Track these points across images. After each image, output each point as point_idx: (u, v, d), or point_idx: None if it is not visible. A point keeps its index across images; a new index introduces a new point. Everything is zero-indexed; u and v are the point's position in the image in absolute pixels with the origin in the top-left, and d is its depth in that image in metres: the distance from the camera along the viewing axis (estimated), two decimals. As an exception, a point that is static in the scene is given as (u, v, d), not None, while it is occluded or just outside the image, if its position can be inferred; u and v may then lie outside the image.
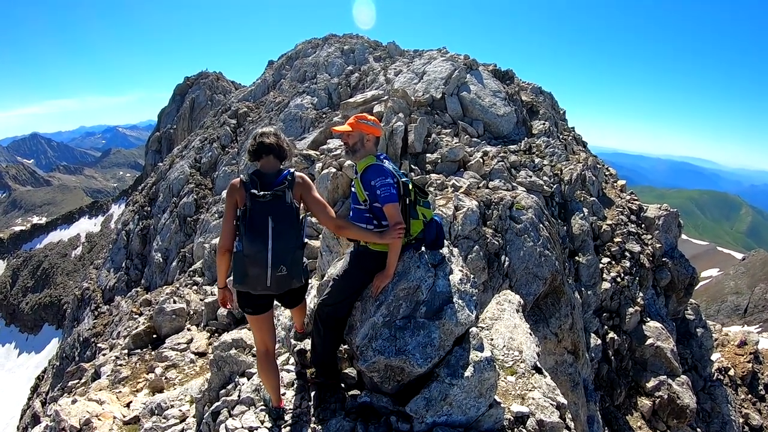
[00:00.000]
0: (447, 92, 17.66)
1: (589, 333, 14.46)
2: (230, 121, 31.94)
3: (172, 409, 7.18)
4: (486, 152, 14.70)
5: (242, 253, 4.18)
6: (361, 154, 4.83)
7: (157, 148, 62.38)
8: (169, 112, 65.65)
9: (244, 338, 6.86)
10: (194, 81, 64.24)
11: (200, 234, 22.84)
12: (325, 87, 26.22)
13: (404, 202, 4.65)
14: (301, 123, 23.91)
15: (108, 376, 11.21)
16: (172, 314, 12.51)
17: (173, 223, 27.77)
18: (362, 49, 30.47)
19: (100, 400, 8.73)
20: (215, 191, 26.62)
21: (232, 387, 5.99)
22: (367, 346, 4.53)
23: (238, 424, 5.17)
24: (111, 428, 7.63)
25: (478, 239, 10.32)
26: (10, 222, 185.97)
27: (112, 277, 34.27)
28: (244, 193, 4.29)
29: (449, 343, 4.52)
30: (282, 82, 33.02)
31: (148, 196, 35.17)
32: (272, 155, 4.58)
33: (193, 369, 9.67)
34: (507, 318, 5.66)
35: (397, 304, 4.59)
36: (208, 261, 15.01)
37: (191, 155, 31.86)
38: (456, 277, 4.83)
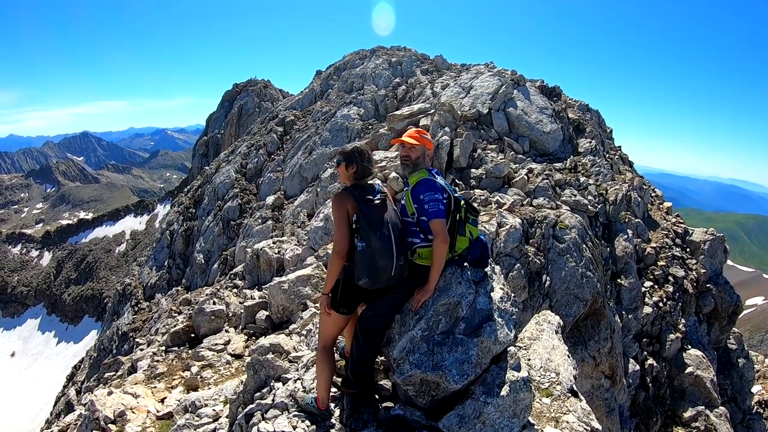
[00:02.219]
0: (493, 107, 17.55)
1: (627, 358, 14.19)
2: (277, 128, 32.20)
3: (206, 408, 7.24)
4: (531, 169, 14.57)
5: (370, 248, 4.46)
6: (408, 168, 4.99)
7: (204, 152, 63.18)
8: (217, 118, 66.48)
9: (281, 343, 6.90)
10: (243, 88, 64.98)
11: (243, 238, 23.06)
12: (372, 98, 26.31)
13: (453, 218, 4.72)
14: (347, 133, 24.02)
15: (144, 371, 11.34)
16: (211, 315, 12.60)
17: (217, 226, 28.10)
18: (410, 61, 30.48)
19: (136, 394, 8.85)
20: (259, 197, 26.86)
21: (267, 391, 6.03)
22: (404, 359, 4.55)
23: (270, 428, 5.20)
24: (144, 422, 7.74)
25: (519, 257, 10.25)
26: (57, 216, 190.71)
27: (154, 274, 34.79)
28: (354, 201, 4.64)
29: (486, 361, 4.52)
30: (329, 92, 33.23)
31: (193, 198, 35.67)
32: (364, 164, 4.88)
33: (228, 370, 9.70)
34: (546, 339, 5.61)
35: (436, 319, 4.60)
36: (249, 265, 15.16)
37: (237, 160, 32.24)
38: (497, 295, 4.83)
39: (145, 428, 7.52)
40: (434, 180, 4.75)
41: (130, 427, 7.51)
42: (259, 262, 14.80)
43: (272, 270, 14.41)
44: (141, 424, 7.62)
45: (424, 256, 4.70)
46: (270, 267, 14.51)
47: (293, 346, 7.10)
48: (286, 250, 14.30)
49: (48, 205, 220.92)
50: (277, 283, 11.01)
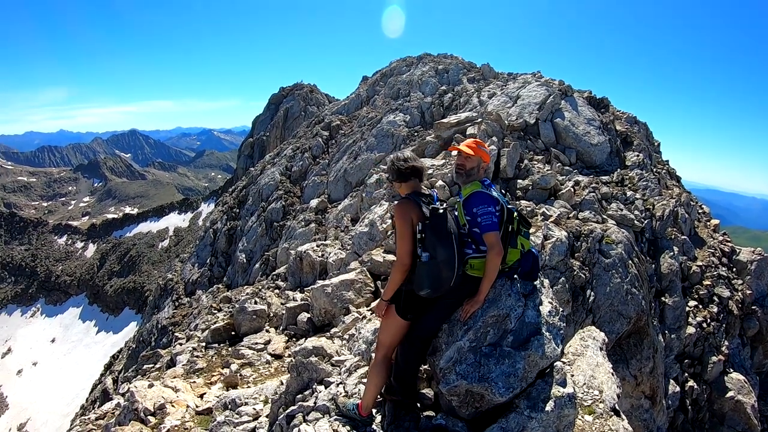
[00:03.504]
0: (541, 118, 17.38)
1: (668, 379, 13.91)
2: (323, 132, 32.35)
3: (246, 406, 7.29)
4: (578, 182, 14.42)
5: (435, 260, 4.46)
6: (463, 179, 4.97)
7: (249, 153, 63.75)
8: (263, 120, 67.06)
9: (324, 347, 6.93)
10: (289, 91, 65.47)
11: (285, 240, 23.18)
12: (418, 105, 26.24)
13: (506, 230, 4.73)
14: (392, 140, 24.01)
15: (183, 365, 11.49)
16: (252, 314, 12.71)
17: (260, 226, 28.30)
18: (456, 69, 30.31)
19: (176, 388, 9.00)
20: (303, 199, 26.97)
21: (309, 393, 6.05)
22: (450, 369, 4.54)
23: (311, 430, 5.23)
24: (183, 416, 7.84)
25: (564, 271, 10.15)
26: (103, 209, 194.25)
27: (196, 271, 35.18)
28: (419, 210, 4.66)
29: (533, 375, 4.50)
30: (376, 98, 33.25)
31: (237, 198, 35.98)
32: (419, 178, 4.95)
33: (268, 370, 9.77)
34: (590, 355, 5.55)
35: (484, 331, 4.60)
36: (292, 267, 15.22)
37: (283, 163, 32.43)
38: (545, 309, 4.82)
39: (184, 422, 7.61)
40: (487, 192, 4.75)
41: (169, 420, 7.61)
42: (302, 265, 14.84)
43: (315, 273, 14.45)
44: (180, 418, 7.73)
45: (476, 267, 4.69)
46: (313, 270, 14.55)
47: (336, 350, 7.11)
48: (329, 254, 14.32)
49: (95, 199, 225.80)
50: (321, 286, 11.07)
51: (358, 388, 5.67)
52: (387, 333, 4.98)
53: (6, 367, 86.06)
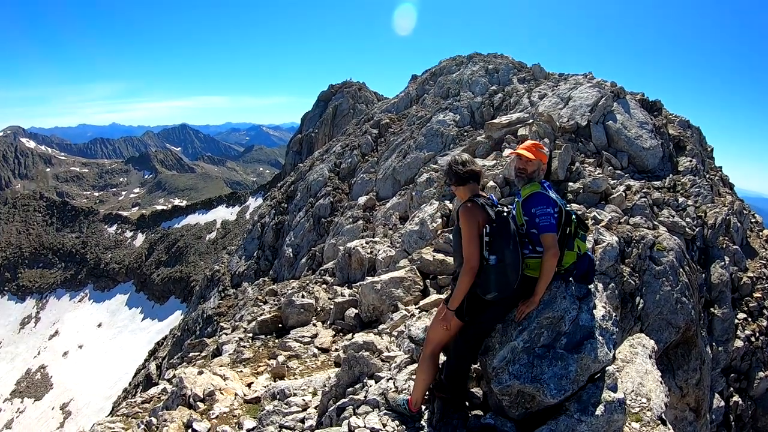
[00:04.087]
0: (592, 120, 17.11)
1: (713, 392, 13.65)
2: (372, 130, 32.45)
3: (295, 397, 7.38)
4: (629, 186, 14.21)
5: (503, 262, 4.48)
6: (521, 180, 5.02)
7: (297, 149, 64.22)
8: (312, 117, 67.49)
9: (375, 342, 6.96)
10: (338, 89, 65.81)
11: (333, 236, 23.35)
12: (468, 105, 26.11)
13: (563, 232, 4.74)
14: (442, 139, 23.95)
15: (230, 354, 11.65)
16: (300, 308, 12.81)
17: (307, 221, 28.54)
18: (506, 69, 29.95)
19: (224, 376, 9.12)
20: (351, 196, 27.12)
21: (359, 387, 6.14)
22: (503, 369, 4.57)
23: (361, 423, 5.29)
24: (232, 404, 7.97)
25: (614, 276, 10.05)
26: (153, 201, 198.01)
27: (243, 264, 35.58)
28: (485, 213, 4.65)
29: (584, 378, 4.49)
30: (425, 97, 33.07)
31: (286, 193, 36.28)
32: (477, 181, 4.95)
33: (314, 363, 9.85)
34: (639, 362, 5.52)
35: (539, 332, 4.61)
36: (340, 263, 15.32)
37: (332, 159, 32.62)
38: (599, 313, 4.81)
39: (232, 410, 7.75)
40: (546, 194, 4.77)
41: (218, 407, 7.76)
42: (351, 261, 14.91)
43: (363, 269, 14.50)
44: (229, 406, 7.86)
45: (532, 267, 4.71)
46: (361, 266, 14.61)
47: (385, 346, 7.14)
48: (378, 251, 14.34)
49: (145, 190, 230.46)
50: (370, 282, 11.12)
51: (407, 384, 5.70)
52: (438, 331, 4.99)
53: (53, 348, 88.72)
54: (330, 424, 5.83)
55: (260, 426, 6.82)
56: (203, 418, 7.41)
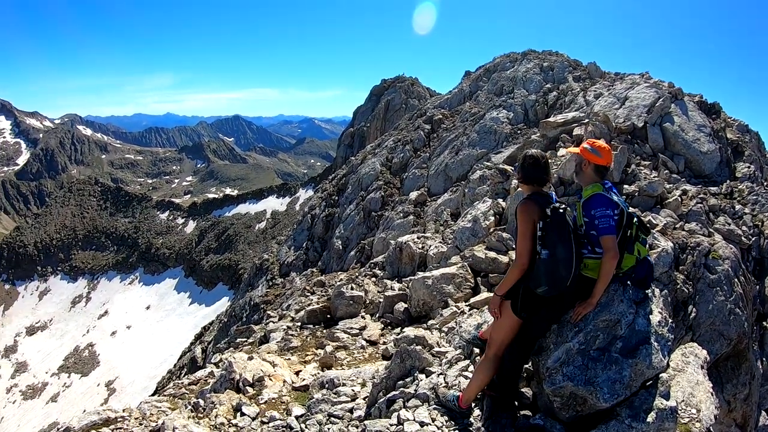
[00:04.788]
0: (649, 121, 16.65)
1: (761, 410, 13.28)
2: (425, 126, 32.19)
3: (344, 387, 7.42)
4: (685, 191, 13.80)
5: (555, 258, 4.53)
6: (584, 179, 5.01)
7: (349, 143, 64.55)
8: (364, 111, 67.78)
9: (426, 337, 7.01)
10: (391, 84, 65.89)
11: (383, 230, 23.39)
12: (522, 103, 25.77)
13: (624, 234, 4.72)
14: (495, 136, 23.75)
15: (278, 342, 11.77)
16: (349, 300, 12.89)
17: (358, 215, 28.62)
18: (562, 67, 29.34)
19: (274, 363, 9.25)
20: (402, 191, 27.03)
21: (410, 380, 6.18)
22: (557, 370, 4.59)
23: (410, 416, 5.38)
24: (281, 390, 8.06)
25: (668, 283, 9.84)
26: (204, 189, 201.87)
27: (292, 254, 35.79)
28: (540, 209, 4.71)
29: (637, 384, 4.50)
30: (478, 94, 32.69)
31: (337, 186, 36.33)
32: (541, 182, 5.03)
33: (362, 354, 9.89)
34: (690, 372, 5.45)
35: (594, 335, 4.62)
36: (391, 257, 15.34)
37: (383, 154, 32.54)
38: (655, 318, 4.79)
39: (281, 396, 7.85)
40: (607, 195, 4.74)
41: (266, 392, 7.87)
42: (402, 255, 14.91)
43: (413, 264, 14.50)
44: (277, 392, 7.96)
45: (591, 268, 4.71)
46: (412, 261, 14.61)
47: (436, 341, 7.17)
48: (430, 247, 14.31)
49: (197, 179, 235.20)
50: (421, 277, 11.12)
51: (458, 381, 5.77)
52: (500, 331, 5.04)
53: (101, 327, 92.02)
54: (379, 415, 5.88)
55: (309, 413, 6.88)
56: (252, 403, 7.53)
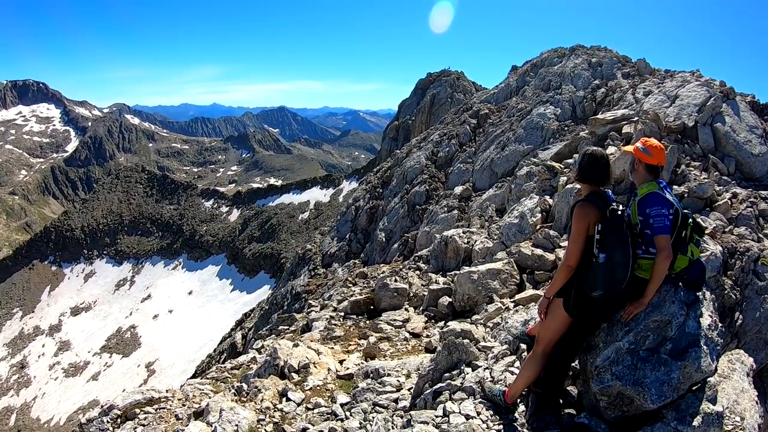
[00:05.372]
0: (700, 121, 16.18)
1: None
2: (471, 120, 32.04)
3: (389, 377, 7.53)
4: (735, 194, 13.43)
5: (612, 261, 4.48)
6: (638, 178, 4.95)
7: (394, 136, 64.54)
8: (410, 104, 67.64)
9: (472, 331, 7.01)
10: (436, 77, 65.62)
11: (427, 223, 23.38)
12: (570, 99, 25.42)
13: (678, 235, 4.69)
14: (541, 132, 23.53)
15: (320, 331, 11.91)
16: (394, 292, 12.96)
17: (402, 208, 28.62)
18: (610, 63, 28.75)
19: (318, 351, 9.44)
20: (447, 185, 27.00)
21: (456, 373, 6.23)
22: (606, 369, 4.60)
23: (456, 408, 5.42)
24: (325, 378, 8.21)
25: (715, 288, 9.65)
26: (249, 179, 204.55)
27: (335, 245, 35.96)
28: (599, 212, 4.67)
29: (685, 387, 4.49)
30: (525, 89, 32.31)
31: (382, 178, 36.32)
32: (599, 182, 4.94)
33: (405, 346, 9.96)
34: (736, 379, 5.38)
35: (645, 335, 4.61)
36: (436, 251, 15.34)
37: (429, 147, 32.41)
38: (705, 322, 4.77)
39: (326, 383, 7.99)
40: (662, 194, 4.70)
41: (311, 379, 8.03)
42: (447, 249, 14.92)
43: (458, 259, 14.49)
44: (322, 379, 8.11)
45: (644, 268, 4.67)
46: (456, 255, 14.60)
47: (482, 336, 7.20)
48: (475, 242, 14.27)
49: (242, 168, 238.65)
50: (467, 272, 11.13)
51: (504, 376, 5.80)
52: (549, 328, 5.03)
53: (144, 310, 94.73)
54: (424, 406, 5.95)
55: (354, 402, 7.03)
56: (297, 389, 7.67)
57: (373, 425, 5.94)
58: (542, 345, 5.08)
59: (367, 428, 5.99)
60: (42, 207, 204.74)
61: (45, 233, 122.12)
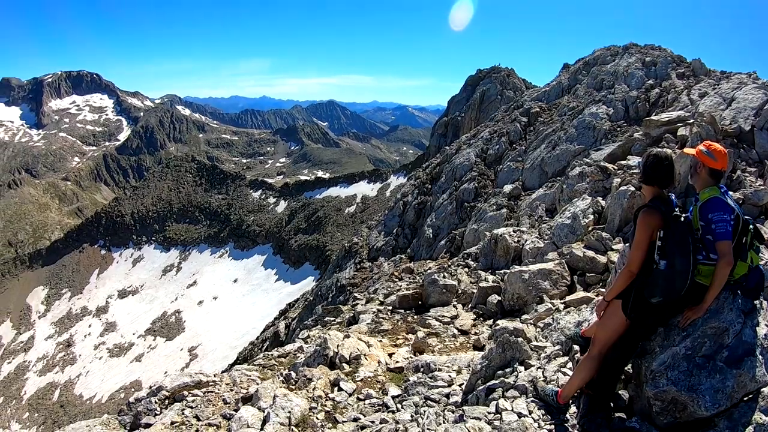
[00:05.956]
0: (757, 125, 15.51)
1: None
2: (521, 118, 31.82)
3: (441, 372, 7.53)
4: None
5: (673, 269, 4.45)
6: (699, 182, 4.88)
7: (443, 132, 64.45)
8: (459, 101, 67.51)
9: (525, 330, 7.05)
10: (486, 74, 65.36)
11: (475, 221, 23.25)
12: (623, 98, 24.88)
13: (739, 241, 4.62)
14: (593, 132, 23.20)
15: (368, 324, 12.03)
16: (443, 288, 12.99)
17: (450, 204, 28.65)
18: (665, 62, 28.04)
19: (369, 343, 9.52)
20: (497, 183, 26.91)
21: (509, 371, 6.23)
22: (662, 374, 4.58)
23: (508, 406, 5.45)
24: (376, 369, 8.27)
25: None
26: (297, 171, 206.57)
27: (381, 239, 36.10)
28: (662, 218, 4.60)
29: (738, 396, 4.45)
30: (577, 87, 31.83)
31: (430, 174, 36.34)
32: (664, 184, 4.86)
33: (453, 343, 9.94)
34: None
35: (701, 341, 4.58)
36: (485, 249, 15.29)
37: (479, 145, 32.32)
38: (762, 331, 4.69)
39: (376, 375, 8.06)
40: (724, 200, 4.62)
41: (362, 370, 8.13)
42: (497, 248, 14.86)
43: (508, 257, 14.43)
44: (373, 371, 8.19)
45: (704, 274, 4.60)
46: (506, 254, 14.54)
47: (534, 335, 7.24)
48: (525, 241, 14.13)
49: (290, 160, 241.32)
50: (518, 271, 11.10)
51: (556, 376, 5.82)
52: (606, 330, 5.01)
53: (189, 296, 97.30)
54: (476, 402, 5.97)
55: (405, 394, 7.05)
56: (349, 379, 7.76)
57: (425, 418, 5.97)
58: (598, 347, 5.06)
59: (418, 421, 6.01)
60: (93, 193, 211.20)
61: (96, 218, 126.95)
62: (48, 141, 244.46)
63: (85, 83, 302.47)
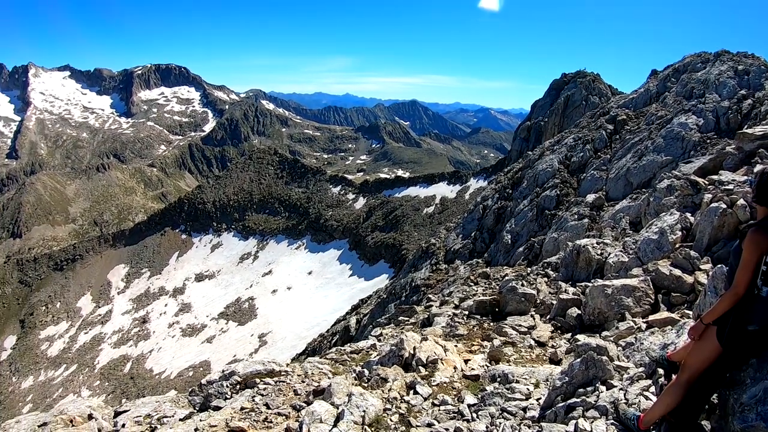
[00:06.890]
0: None
1: None
2: (607, 125, 31.00)
3: (518, 384, 7.38)
4: None
5: None
6: None
7: (525, 137, 63.85)
8: (543, 105, 66.80)
9: (607, 348, 6.90)
10: (571, 78, 64.50)
11: (555, 230, 23.00)
12: (714, 109, 23.80)
13: None
14: (682, 144, 22.39)
15: (443, 327, 12.10)
16: (521, 296, 12.88)
17: (530, 211, 28.33)
18: (758, 72, 26.63)
19: (445, 347, 9.50)
20: (579, 192, 26.41)
21: (591, 390, 6.11)
22: (752, 408, 4.38)
23: (588, 426, 5.37)
24: (452, 375, 8.27)
25: None
26: (377, 169, 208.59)
27: (459, 242, 35.98)
28: None
29: (829, 437, 4.23)
30: (666, 95, 30.79)
31: (512, 179, 35.96)
32: None
33: (529, 354, 9.81)
34: None
35: (798, 375, 4.37)
36: (567, 259, 14.98)
37: (562, 151, 31.77)
38: None
39: (452, 381, 8.06)
40: None
41: (438, 375, 8.14)
42: (578, 259, 14.52)
43: (589, 270, 14.10)
44: (449, 377, 8.19)
45: None
46: (588, 266, 14.21)
47: (616, 354, 7.07)
48: (609, 254, 13.68)
49: (371, 158, 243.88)
50: (601, 285, 10.86)
51: (638, 399, 5.64)
52: (698, 357, 4.81)
53: (264, 285, 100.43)
54: (554, 419, 5.91)
55: (482, 404, 6.99)
56: (425, 383, 7.77)
57: (500, 431, 5.98)
58: (688, 373, 4.86)
59: (493, 433, 5.97)
60: (177, 180, 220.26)
61: (179, 204, 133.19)
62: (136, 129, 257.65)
63: (173, 76, 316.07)
